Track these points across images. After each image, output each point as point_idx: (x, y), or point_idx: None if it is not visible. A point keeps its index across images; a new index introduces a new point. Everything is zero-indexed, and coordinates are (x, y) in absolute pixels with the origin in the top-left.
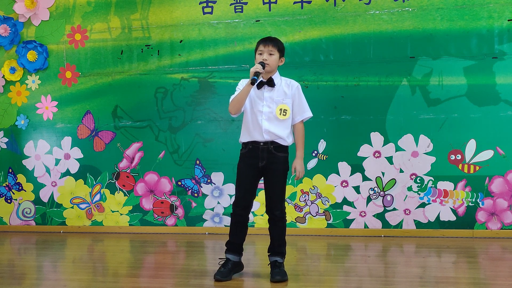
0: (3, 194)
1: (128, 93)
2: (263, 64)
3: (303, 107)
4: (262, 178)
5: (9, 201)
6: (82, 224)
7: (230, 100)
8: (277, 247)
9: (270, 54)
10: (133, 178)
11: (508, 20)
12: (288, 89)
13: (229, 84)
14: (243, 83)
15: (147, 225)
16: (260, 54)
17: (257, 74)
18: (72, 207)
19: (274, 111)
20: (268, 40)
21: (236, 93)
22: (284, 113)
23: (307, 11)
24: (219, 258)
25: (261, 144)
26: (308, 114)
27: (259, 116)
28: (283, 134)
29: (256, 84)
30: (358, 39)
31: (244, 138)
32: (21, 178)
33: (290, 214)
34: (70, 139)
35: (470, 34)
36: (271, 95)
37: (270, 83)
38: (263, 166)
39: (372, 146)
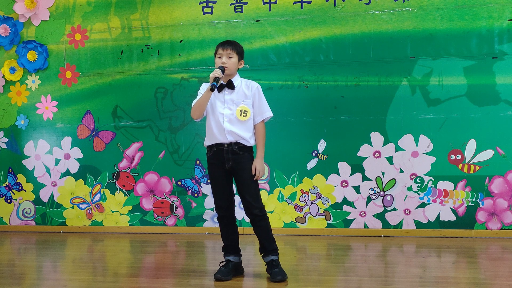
0: (3, 194)
1: (128, 93)
2: (222, 69)
3: (263, 107)
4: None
5: (9, 201)
6: (82, 224)
7: (192, 105)
8: (267, 246)
9: (229, 57)
10: (133, 178)
11: (508, 20)
12: (248, 90)
13: None
14: (204, 87)
15: (147, 225)
16: (219, 57)
17: (216, 79)
18: (72, 207)
19: (235, 112)
20: (227, 44)
21: (198, 97)
22: (245, 114)
23: (307, 11)
24: (220, 262)
25: (225, 146)
26: (268, 114)
27: (220, 118)
28: (245, 135)
29: (215, 88)
30: (358, 39)
31: (208, 141)
32: (21, 178)
33: (290, 214)
34: (70, 139)
35: (470, 34)
36: (231, 97)
37: (230, 85)
38: (230, 168)
39: (372, 146)
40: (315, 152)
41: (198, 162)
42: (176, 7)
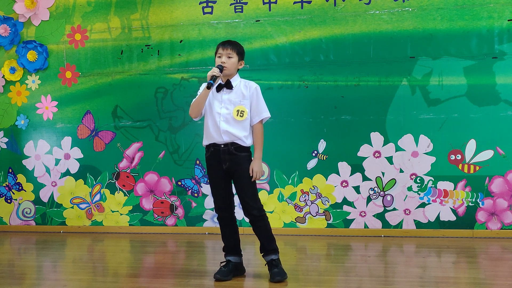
0: (3, 194)
1: (128, 93)
2: (220, 67)
3: (260, 107)
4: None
5: (9, 201)
6: (82, 224)
7: (191, 104)
8: (267, 246)
9: (229, 57)
10: (133, 178)
11: (508, 20)
12: (246, 90)
13: None
14: (204, 86)
15: (147, 225)
16: (219, 57)
17: (213, 78)
18: (72, 207)
19: (232, 112)
20: (227, 43)
21: (197, 97)
22: (241, 115)
23: (307, 11)
24: (221, 262)
25: (222, 146)
26: (266, 114)
27: (217, 118)
28: (241, 135)
29: (213, 87)
30: (358, 39)
31: (205, 141)
32: (21, 178)
33: (290, 214)
34: (70, 139)
35: (470, 34)
36: (229, 97)
37: (228, 85)
38: (228, 168)
39: (372, 146)
40: (315, 152)
41: (198, 162)
42: (176, 7)
